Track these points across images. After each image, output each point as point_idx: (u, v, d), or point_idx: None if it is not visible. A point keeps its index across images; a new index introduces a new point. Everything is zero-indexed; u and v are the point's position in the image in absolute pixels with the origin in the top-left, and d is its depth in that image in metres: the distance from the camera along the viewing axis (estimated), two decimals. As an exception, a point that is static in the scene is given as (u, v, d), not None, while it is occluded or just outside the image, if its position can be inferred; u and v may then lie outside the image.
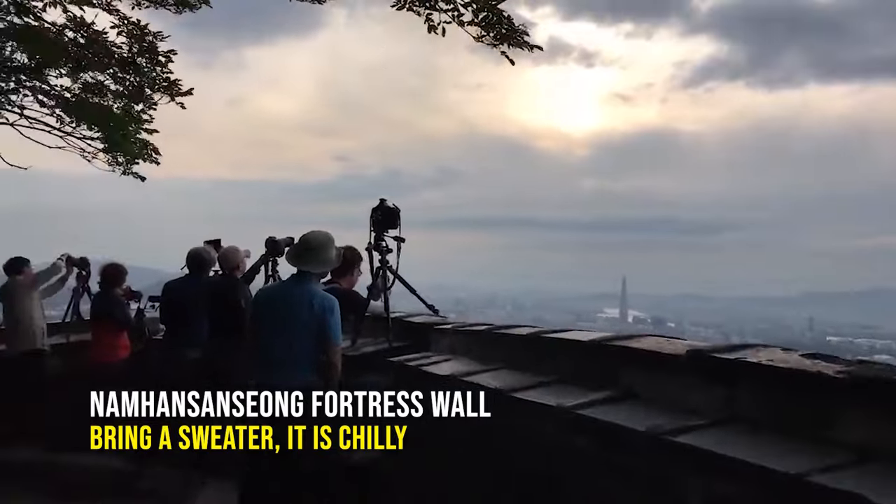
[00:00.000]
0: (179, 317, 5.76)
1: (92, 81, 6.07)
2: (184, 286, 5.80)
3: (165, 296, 5.92)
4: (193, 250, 5.84)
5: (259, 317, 4.02)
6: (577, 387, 2.70)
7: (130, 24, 5.61)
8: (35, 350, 6.34)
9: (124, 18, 5.61)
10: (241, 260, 5.62)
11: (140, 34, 5.69)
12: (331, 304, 3.84)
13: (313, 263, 3.92)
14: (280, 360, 3.79)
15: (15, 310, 6.34)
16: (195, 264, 5.80)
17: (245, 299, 5.40)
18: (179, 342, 5.70)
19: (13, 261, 6.52)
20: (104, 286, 6.36)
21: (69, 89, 6.28)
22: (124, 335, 6.30)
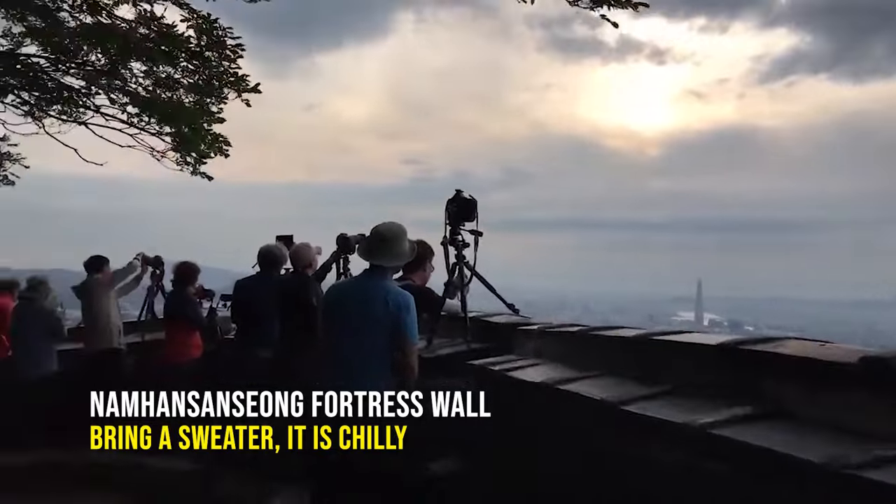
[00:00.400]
0: (250, 316, 5.56)
1: (164, 76, 5.95)
2: (255, 284, 5.59)
3: (236, 294, 5.73)
4: (264, 248, 5.63)
5: (330, 315, 3.71)
6: (704, 400, 2.20)
7: (200, 18, 5.45)
8: (112, 349, 6.28)
9: (193, 11, 5.45)
10: (312, 257, 5.36)
11: (209, 28, 5.52)
12: (406, 300, 3.48)
13: (387, 257, 3.57)
14: (351, 361, 3.46)
15: (93, 308, 6.31)
16: (266, 262, 5.58)
17: (316, 297, 5.12)
18: (250, 342, 5.50)
19: (94, 259, 6.49)
20: (177, 285, 6.26)
21: (142, 85, 6.20)
22: (197, 335, 6.17)
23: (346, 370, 3.46)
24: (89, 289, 6.35)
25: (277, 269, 5.67)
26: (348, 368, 3.46)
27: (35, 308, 6.32)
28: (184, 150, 6.48)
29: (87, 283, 6.39)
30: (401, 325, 3.42)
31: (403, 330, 3.43)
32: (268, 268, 5.59)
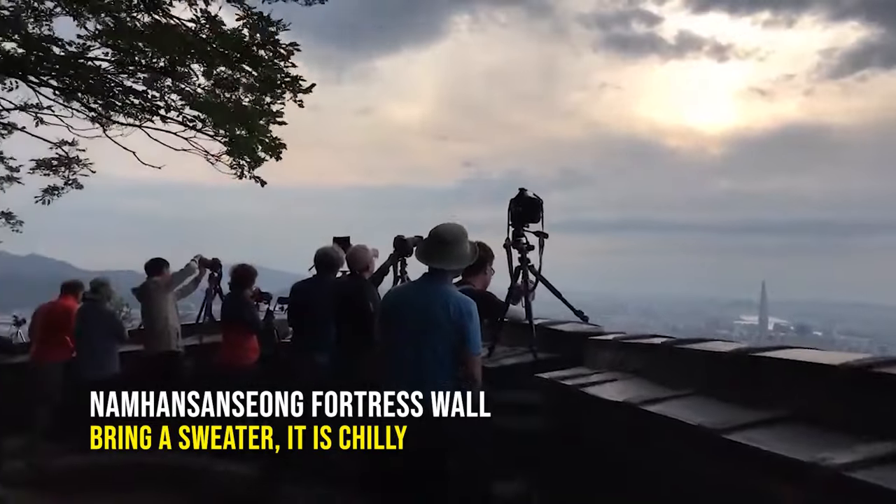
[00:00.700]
0: (306, 319, 5.41)
1: (223, 77, 5.85)
2: (311, 287, 5.43)
3: (293, 297, 5.59)
4: (321, 250, 5.45)
5: (388, 321, 3.46)
6: (829, 432, 1.83)
7: (253, 15, 5.31)
8: (169, 351, 6.23)
9: (248, 9, 5.32)
10: (369, 260, 5.15)
11: (264, 25, 5.38)
12: (469, 307, 3.22)
13: (447, 260, 3.31)
14: (410, 369, 3.21)
15: (152, 310, 6.29)
16: (323, 265, 5.41)
17: (373, 301, 4.92)
18: (306, 346, 5.34)
19: (153, 261, 6.49)
20: (234, 288, 6.15)
21: (200, 87, 6.13)
22: (254, 338, 6.05)
23: (406, 379, 3.20)
24: (148, 291, 6.33)
25: (334, 271, 5.50)
26: (408, 377, 3.20)
27: (98, 310, 6.34)
28: (237, 153, 6.36)
29: (146, 286, 6.37)
30: (464, 332, 3.17)
31: (466, 338, 3.18)
32: (324, 270, 5.42)
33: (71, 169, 7.37)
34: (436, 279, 3.31)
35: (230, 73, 6.05)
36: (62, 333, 6.57)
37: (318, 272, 5.45)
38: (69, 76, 5.99)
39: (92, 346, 6.26)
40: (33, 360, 6.71)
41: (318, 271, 5.47)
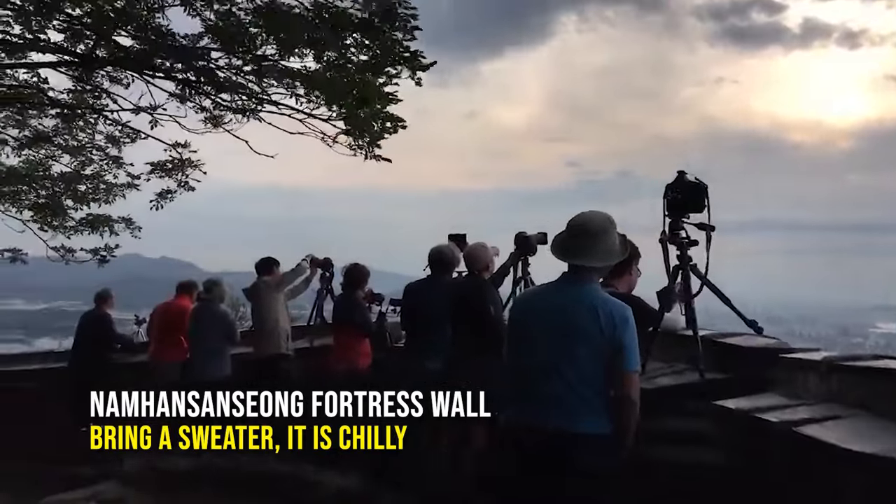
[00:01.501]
0: (419, 322, 4.94)
1: (335, 55, 5.49)
2: (425, 288, 4.94)
3: (406, 299, 5.11)
4: (436, 248, 4.95)
5: (518, 329, 2.83)
6: None
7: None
8: (279, 354, 5.95)
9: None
10: (489, 259, 4.58)
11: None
12: (625, 312, 2.56)
13: (592, 255, 2.66)
14: (549, 393, 2.58)
15: (262, 311, 6.04)
16: (437, 264, 4.91)
17: (494, 305, 4.37)
18: (419, 350, 4.85)
19: (265, 261, 6.24)
20: (346, 288, 5.77)
21: (311, 70, 5.79)
22: (366, 341, 5.63)
23: (542, 401, 2.60)
24: (258, 291, 6.10)
25: (450, 271, 4.99)
26: (545, 399, 2.59)
27: (211, 310, 6.18)
28: (355, 131, 5.98)
29: (256, 286, 6.14)
30: (618, 344, 2.52)
31: (622, 352, 2.52)
32: (439, 270, 4.93)
33: (183, 172, 7.33)
34: (579, 279, 2.67)
35: (342, 53, 5.64)
36: (177, 333, 6.48)
37: (433, 272, 4.96)
38: (182, 69, 5.83)
39: (204, 347, 6.11)
40: (151, 360, 6.68)
41: (432, 271, 4.98)
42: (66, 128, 7.09)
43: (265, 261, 6.21)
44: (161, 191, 7.42)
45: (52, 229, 7.56)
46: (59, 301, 74.56)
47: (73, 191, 7.36)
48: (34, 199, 7.41)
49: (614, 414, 2.55)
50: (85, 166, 7.53)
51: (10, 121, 7.08)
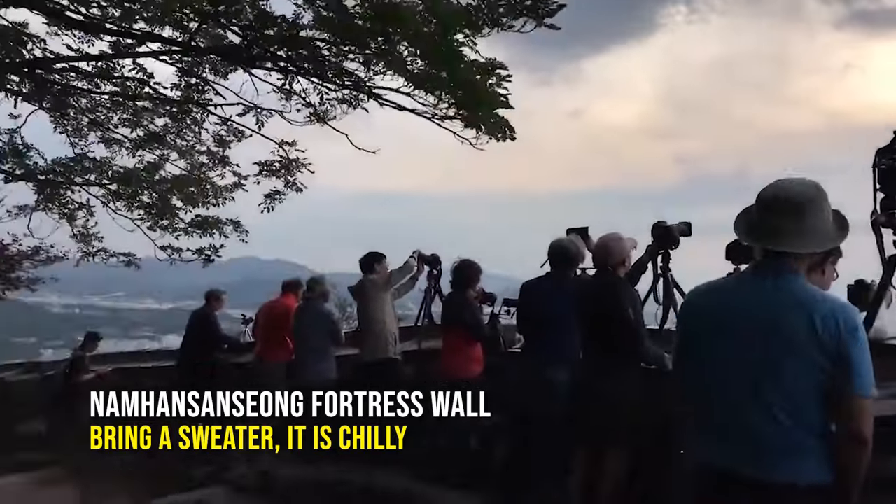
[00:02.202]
0: (539, 325, 4.37)
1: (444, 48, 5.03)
2: (545, 286, 4.35)
3: (522, 298, 4.53)
4: (556, 242, 4.35)
5: (693, 339, 2.12)
6: None
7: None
8: (387, 358, 5.52)
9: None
10: (627, 252, 3.92)
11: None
12: (852, 318, 1.84)
13: (799, 238, 1.94)
14: (743, 425, 1.90)
15: (368, 311, 5.65)
16: (559, 259, 4.31)
17: (633, 306, 3.70)
18: (539, 358, 4.26)
19: (369, 256, 5.82)
20: (456, 287, 5.26)
21: (416, 63, 5.36)
22: (477, 345, 5.10)
23: (733, 437, 1.92)
24: (364, 290, 5.71)
25: (573, 267, 4.40)
26: (737, 434, 1.92)
27: (314, 309, 5.88)
28: (472, 120, 5.49)
29: (362, 284, 5.75)
30: (842, 359, 1.80)
31: (848, 370, 1.81)
32: (561, 266, 4.33)
33: (291, 171, 7.14)
34: (781, 271, 1.96)
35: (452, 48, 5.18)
36: (282, 333, 6.26)
37: (554, 268, 4.36)
38: (287, 58, 5.57)
39: (308, 347, 5.83)
40: (256, 359, 6.50)
41: (552, 267, 4.37)
42: (175, 127, 7.07)
43: (369, 257, 5.82)
44: (270, 192, 7.27)
45: (161, 230, 7.60)
46: (186, 301, 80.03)
47: (183, 192, 7.34)
48: (146, 200, 7.47)
49: (835, 455, 1.84)
50: (193, 168, 7.53)
51: (125, 121, 7.16)
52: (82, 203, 7.53)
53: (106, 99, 6.79)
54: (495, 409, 4.83)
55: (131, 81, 6.47)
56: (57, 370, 8.68)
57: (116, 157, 7.42)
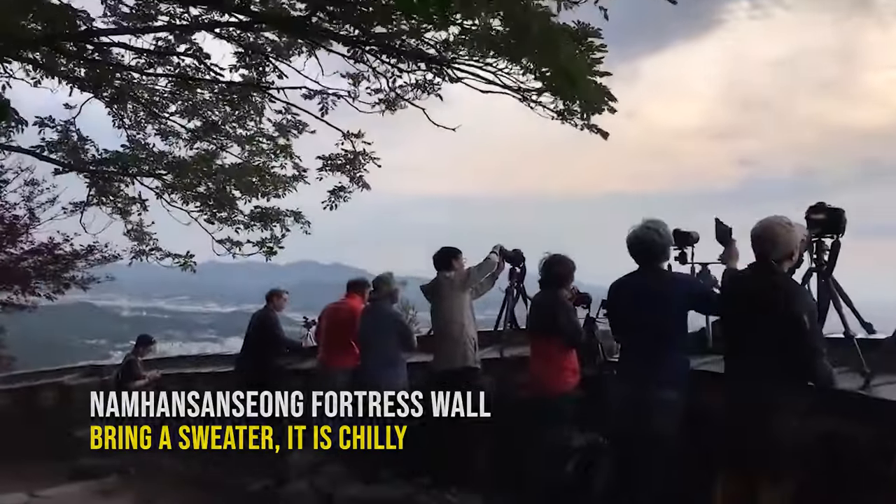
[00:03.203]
0: (635, 331, 3.61)
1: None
2: (643, 283, 3.56)
3: (612, 298, 3.77)
4: (637, 231, 3.53)
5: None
6: None
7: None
8: (465, 367, 4.81)
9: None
10: (796, 243, 3.10)
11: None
12: None
13: None
14: None
15: (444, 312, 4.97)
16: (642, 251, 3.53)
17: (808, 312, 2.91)
18: (642, 370, 3.50)
19: (444, 252, 5.13)
20: (547, 286, 4.51)
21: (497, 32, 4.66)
22: (572, 354, 4.35)
23: None
24: (439, 288, 5.02)
25: (660, 258, 3.62)
26: None
27: (382, 311, 5.24)
28: (565, 94, 4.72)
29: (438, 282, 5.07)
30: None
31: None
32: (646, 260, 3.57)
33: (357, 166, 6.54)
34: None
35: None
36: (347, 337, 5.67)
37: (638, 263, 3.59)
38: (355, 39, 4.95)
39: (376, 352, 5.21)
40: (320, 366, 5.93)
41: (639, 262, 3.60)
42: (234, 116, 6.57)
43: (445, 252, 5.13)
44: (334, 188, 6.69)
45: (219, 222, 7.10)
46: (247, 304, 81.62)
47: (242, 182, 6.81)
48: (204, 191, 6.97)
49: None
50: (253, 157, 7.00)
51: (182, 111, 6.71)
52: (135, 197, 7.11)
53: (163, 87, 6.37)
54: (594, 429, 4.17)
55: (188, 67, 6.02)
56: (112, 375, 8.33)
57: (174, 148, 7.02)
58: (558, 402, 4.28)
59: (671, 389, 3.38)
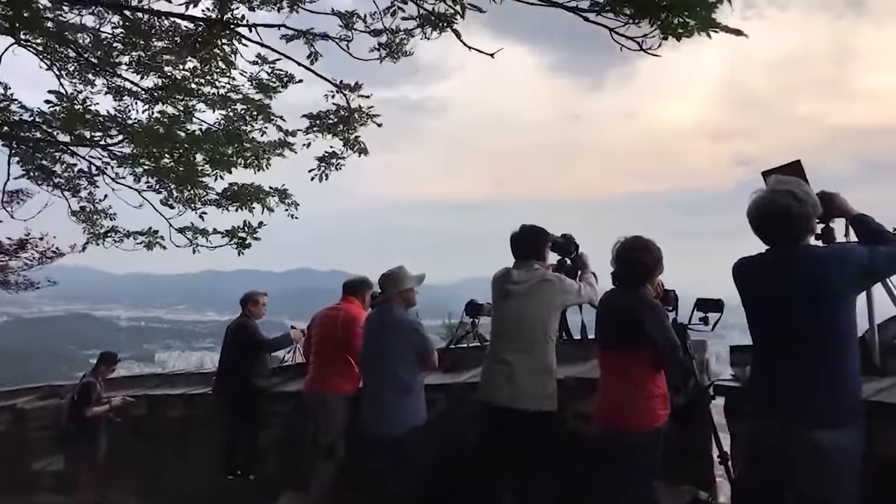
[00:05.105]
0: (777, 345, 2.42)
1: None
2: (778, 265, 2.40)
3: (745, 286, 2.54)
4: (761, 198, 2.32)
5: None
6: None
7: None
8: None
9: None
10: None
11: None
12: None
13: None
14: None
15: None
16: (774, 224, 2.44)
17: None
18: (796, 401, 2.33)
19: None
20: (623, 283, 3.16)
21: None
22: (661, 376, 3.05)
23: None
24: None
25: (805, 235, 2.46)
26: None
27: (389, 317, 3.83)
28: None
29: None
30: None
31: None
32: (786, 236, 2.33)
33: (352, 125, 5.11)
34: None
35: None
36: (344, 353, 4.29)
37: (773, 243, 2.44)
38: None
39: (381, 375, 3.80)
40: (308, 392, 4.53)
41: (770, 242, 2.44)
42: (202, 71, 5.13)
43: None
44: (324, 154, 5.26)
45: (182, 204, 5.61)
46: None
47: (212, 151, 5.31)
48: (167, 163, 5.46)
49: None
50: (229, 123, 5.51)
51: (142, 67, 5.23)
52: (83, 169, 5.60)
53: (109, 34, 4.93)
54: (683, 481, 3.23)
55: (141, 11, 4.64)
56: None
57: (130, 110, 5.50)
58: (644, 441, 2.94)
59: (844, 430, 2.22)
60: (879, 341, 2.81)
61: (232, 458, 5.28)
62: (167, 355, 79.47)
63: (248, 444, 5.25)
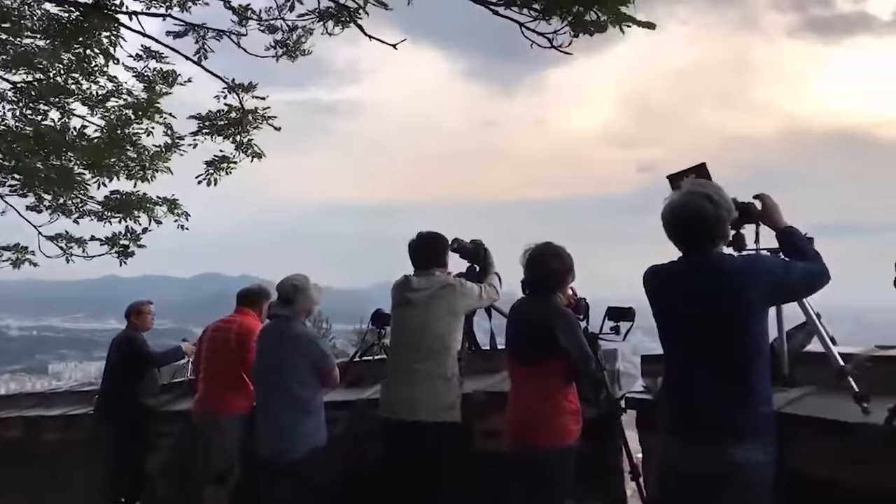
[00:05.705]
0: (698, 355, 2.30)
1: None
2: (689, 275, 2.30)
3: (659, 295, 2.44)
4: (677, 200, 2.35)
5: None
6: None
7: None
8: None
9: None
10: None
11: None
12: None
13: None
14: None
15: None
16: (687, 228, 2.38)
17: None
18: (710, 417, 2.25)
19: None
20: (535, 290, 2.98)
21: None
22: (572, 388, 2.95)
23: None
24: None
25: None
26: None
27: (286, 331, 3.50)
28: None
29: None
30: None
31: None
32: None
33: (245, 126, 4.72)
34: None
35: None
36: (237, 369, 3.90)
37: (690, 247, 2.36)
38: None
39: (277, 393, 3.45)
40: (198, 411, 4.11)
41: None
42: (78, 67, 4.60)
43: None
44: (213, 157, 4.84)
45: (55, 212, 5.01)
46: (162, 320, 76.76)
47: (89, 155, 4.77)
48: (34, 164, 4.84)
49: None
50: (110, 127, 4.97)
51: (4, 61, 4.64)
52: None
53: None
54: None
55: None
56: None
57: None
58: (556, 457, 2.78)
59: (756, 446, 2.11)
60: (788, 350, 2.77)
61: (116, 484, 4.88)
62: (62, 366, 74.21)
63: (134, 469, 4.85)
